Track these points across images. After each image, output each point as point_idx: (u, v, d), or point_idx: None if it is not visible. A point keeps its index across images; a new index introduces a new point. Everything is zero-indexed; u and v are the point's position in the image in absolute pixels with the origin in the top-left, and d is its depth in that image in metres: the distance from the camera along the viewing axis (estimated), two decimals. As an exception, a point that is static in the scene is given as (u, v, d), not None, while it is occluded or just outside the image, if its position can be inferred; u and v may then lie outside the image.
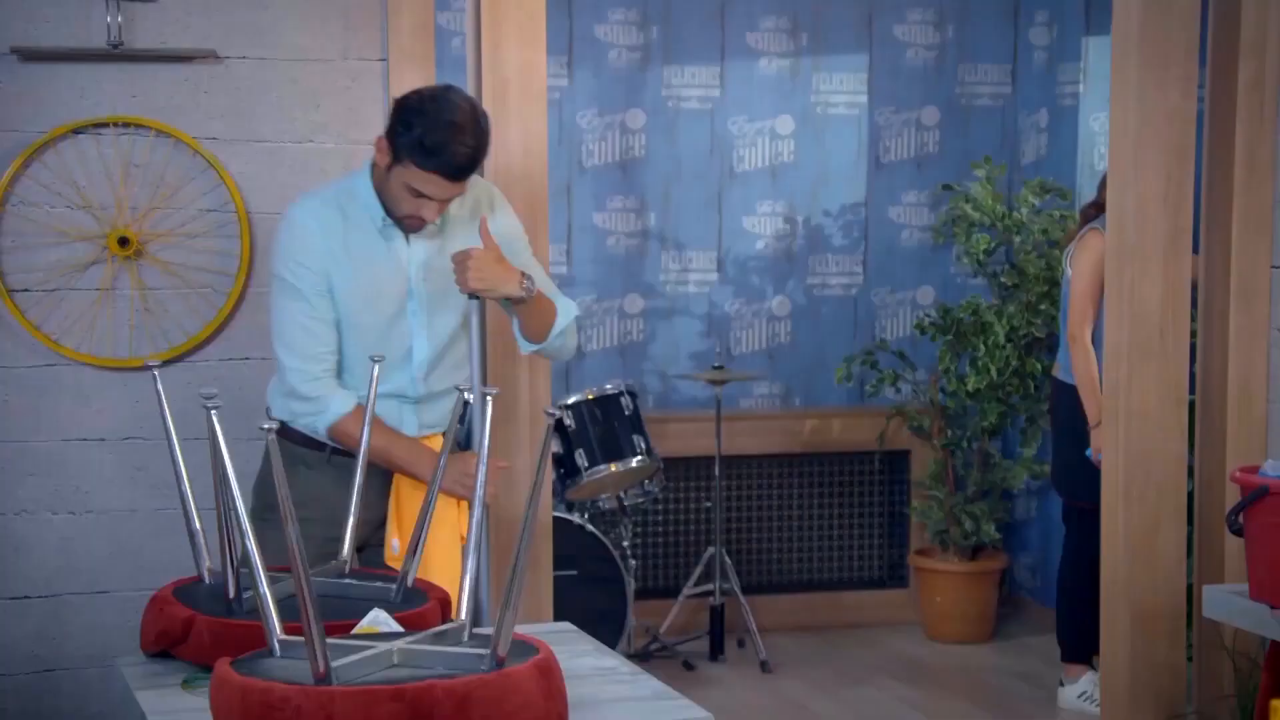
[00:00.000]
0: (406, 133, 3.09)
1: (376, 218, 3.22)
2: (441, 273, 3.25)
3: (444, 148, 3.07)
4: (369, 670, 2.20)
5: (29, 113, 3.80)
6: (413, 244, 3.25)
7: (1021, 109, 6.51)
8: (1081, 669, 5.14)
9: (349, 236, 3.21)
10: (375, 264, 3.23)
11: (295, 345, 3.20)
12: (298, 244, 3.20)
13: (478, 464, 3.05)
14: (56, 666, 3.90)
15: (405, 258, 3.25)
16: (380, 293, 3.23)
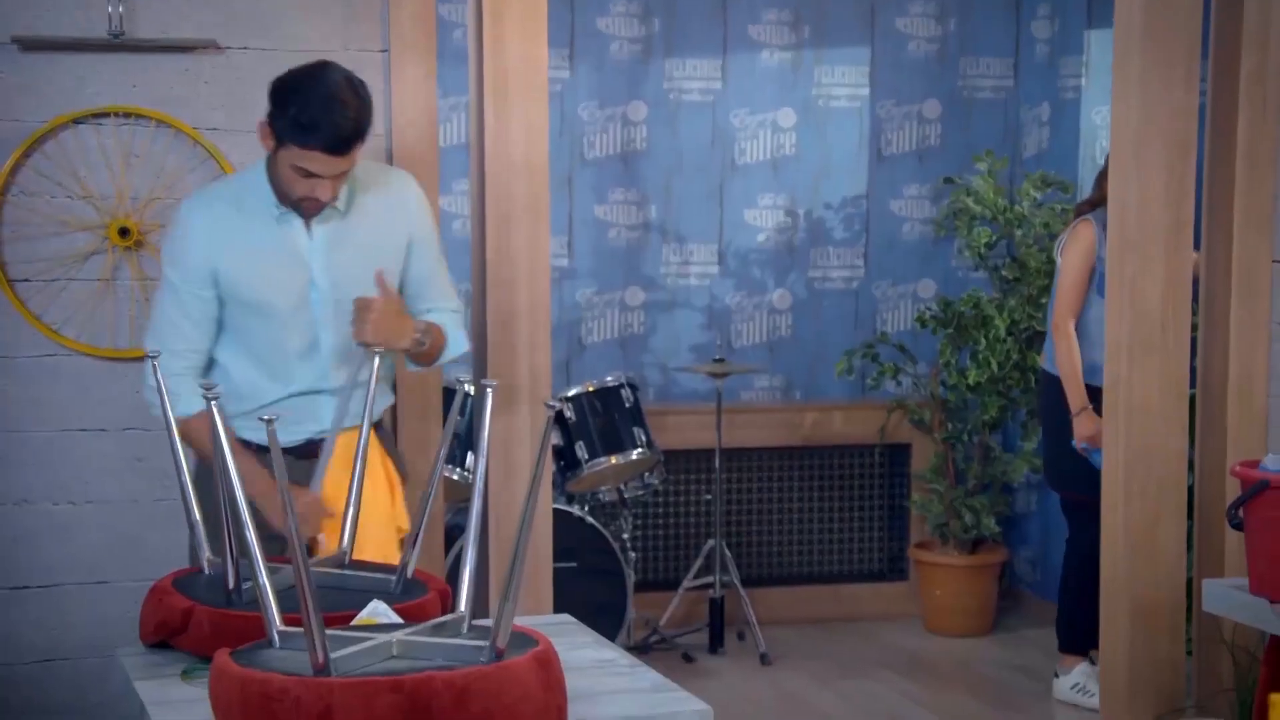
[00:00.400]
0: (283, 114, 3.05)
1: (272, 206, 3.17)
2: (346, 261, 3.20)
3: (321, 122, 3.01)
4: (368, 661, 2.20)
5: (30, 103, 3.80)
6: (314, 233, 3.20)
7: (1023, 102, 6.51)
8: (1077, 660, 5.15)
9: (244, 227, 3.16)
10: (273, 254, 3.18)
11: (159, 336, 3.18)
12: (178, 241, 3.18)
13: (307, 500, 3.05)
14: (56, 656, 3.90)
15: (305, 247, 3.19)
16: (280, 283, 3.18)
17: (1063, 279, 5.02)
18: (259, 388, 3.21)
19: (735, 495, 6.25)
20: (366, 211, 3.25)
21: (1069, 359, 4.97)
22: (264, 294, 3.17)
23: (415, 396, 4.00)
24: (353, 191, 3.22)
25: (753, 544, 6.30)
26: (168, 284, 3.19)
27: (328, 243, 3.20)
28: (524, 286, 4.02)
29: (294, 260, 3.19)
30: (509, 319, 4.01)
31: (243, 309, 3.18)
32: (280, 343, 3.20)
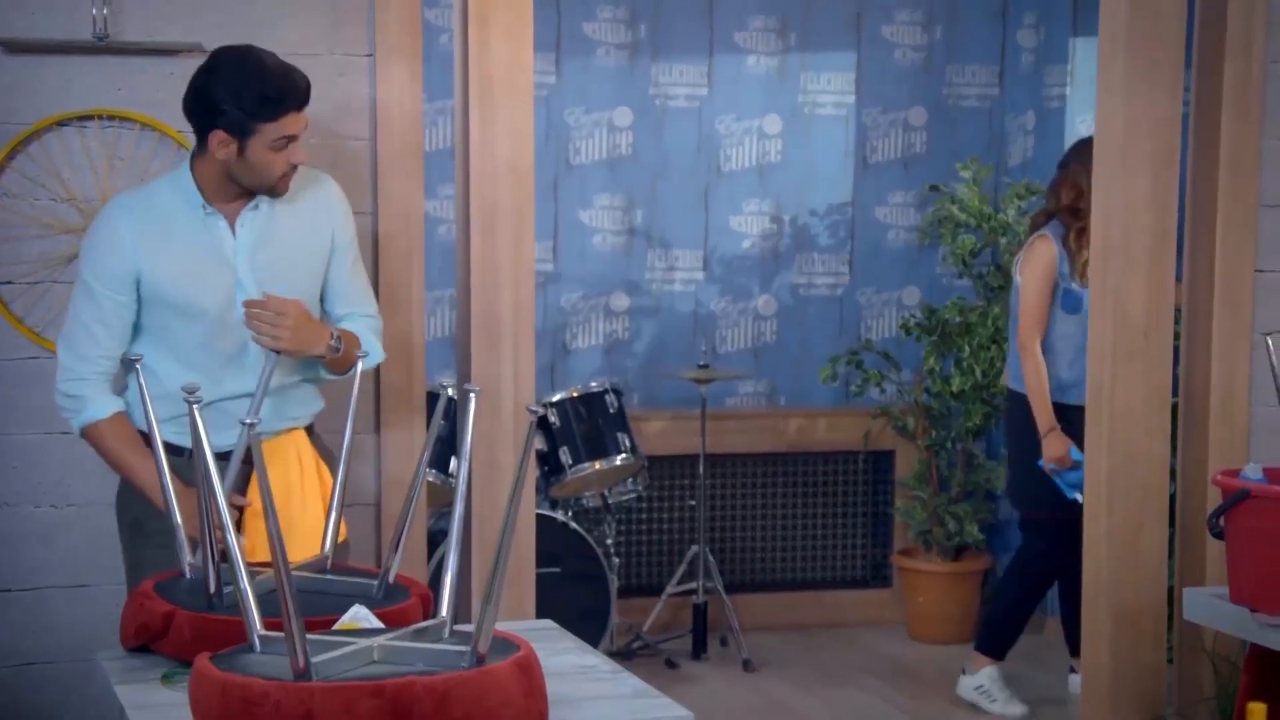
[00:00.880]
0: (239, 102, 3.05)
1: (198, 207, 3.17)
2: (271, 261, 3.20)
3: (283, 84, 3.08)
4: (349, 666, 2.20)
5: (14, 105, 3.79)
6: (238, 233, 3.19)
7: (1009, 110, 6.52)
8: (987, 661, 5.17)
9: (170, 229, 3.16)
10: (199, 255, 3.17)
11: (71, 342, 3.17)
12: (100, 244, 3.16)
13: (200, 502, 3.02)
14: (37, 660, 3.89)
15: (230, 248, 3.19)
16: (207, 285, 3.17)
17: (1025, 297, 4.98)
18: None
19: (719, 501, 6.25)
20: (290, 211, 3.24)
21: (1036, 379, 4.94)
22: (190, 296, 3.16)
23: (398, 401, 4.00)
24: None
25: (736, 550, 6.30)
26: (84, 287, 3.17)
27: (253, 242, 3.20)
28: (508, 291, 4.02)
29: (220, 261, 3.18)
30: (493, 323, 4.01)
31: (169, 312, 3.17)
32: (208, 346, 3.19)
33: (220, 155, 3.11)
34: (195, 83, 3.13)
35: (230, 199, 3.19)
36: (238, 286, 3.18)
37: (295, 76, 3.12)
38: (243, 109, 3.06)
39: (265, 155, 3.11)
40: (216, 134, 3.09)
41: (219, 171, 3.15)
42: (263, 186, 3.17)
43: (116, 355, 3.19)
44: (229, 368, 3.20)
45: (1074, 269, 4.96)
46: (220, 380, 3.18)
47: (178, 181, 3.20)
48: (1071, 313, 4.97)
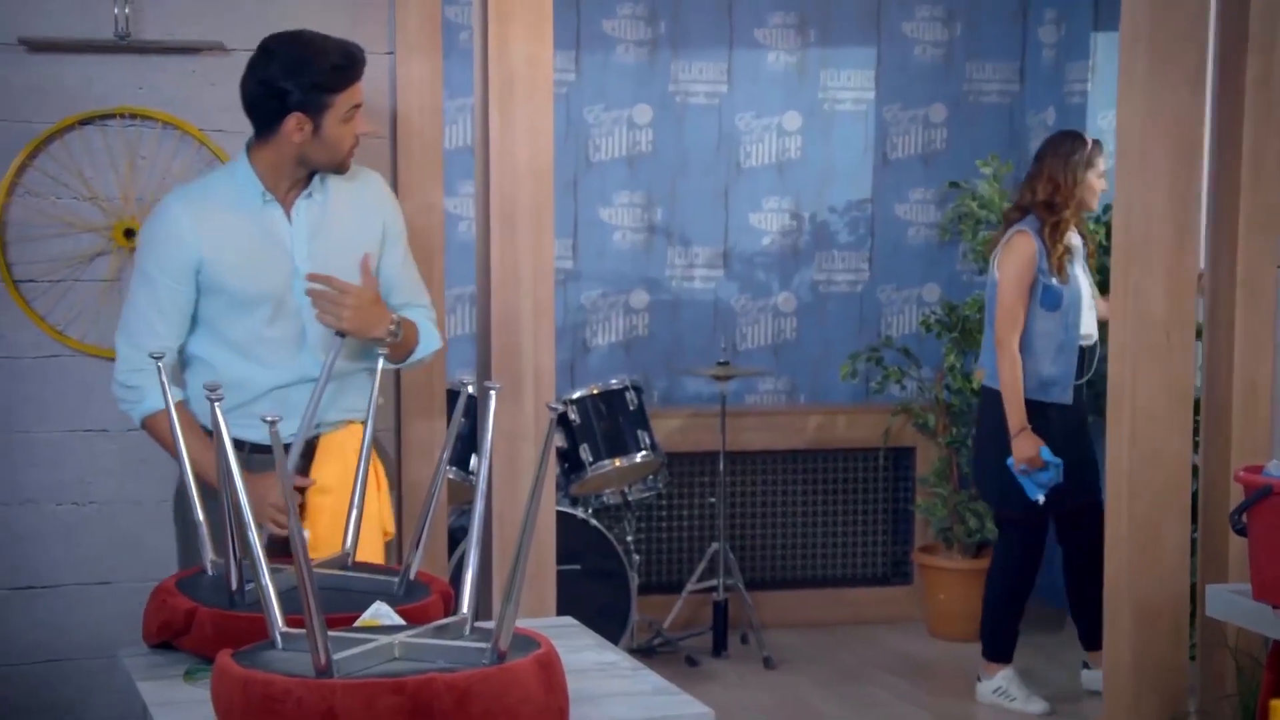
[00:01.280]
0: (310, 80, 3.10)
1: (257, 195, 3.20)
2: (326, 249, 3.22)
3: (345, 53, 3.15)
4: (370, 663, 2.20)
5: (36, 104, 3.80)
6: (294, 222, 3.22)
7: (1029, 106, 6.50)
8: (999, 666, 5.17)
9: (230, 218, 3.18)
10: (258, 243, 3.20)
11: (129, 332, 3.19)
12: (161, 234, 3.18)
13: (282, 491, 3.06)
14: (59, 657, 3.90)
15: (288, 236, 3.22)
16: (265, 273, 3.19)
17: (1002, 294, 4.94)
18: (251, 378, 3.21)
19: (739, 498, 6.25)
20: (341, 199, 3.27)
21: (1012, 376, 4.90)
22: (249, 284, 3.17)
23: (419, 398, 4.00)
24: (324, 178, 3.25)
25: (757, 547, 6.30)
26: (143, 277, 3.18)
27: (309, 231, 3.22)
28: (528, 289, 4.02)
29: (277, 249, 3.20)
30: (513, 321, 4.01)
31: (226, 301, 3.18)
32: (265, 335, 3.21)
33: (296, 139, 3.14)
34: (257, 77, 3.15)
35: (288, 188, 3.23)
36: (294, 274, 3.21)
37: (351, 45, 3.18)
38: (316, 83, 3.10)
39: (339, 129, 3.15)
40: (292, 118, 3.12)
41: (289, 157, 3.18)
42: (333, 163, 3.21)
43: (175, 346, 3.20)
44: (285, 356, 3.22)
45: (1051, 265, 4.93)
46: (276, 369, 3.21)
47: (234, 172, 3.23)
48: (1052, 309, 4.94)
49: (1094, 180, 5.00)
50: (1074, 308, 4.96)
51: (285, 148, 3.16)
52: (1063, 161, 4.96)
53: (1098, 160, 5.01)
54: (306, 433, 3.16)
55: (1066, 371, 4.98)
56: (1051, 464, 4.88)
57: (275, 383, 3.21)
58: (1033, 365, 4.95)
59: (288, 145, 3.16)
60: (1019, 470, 4.91)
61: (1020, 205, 5.05)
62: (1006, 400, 4.92)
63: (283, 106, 3.12)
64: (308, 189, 3.23)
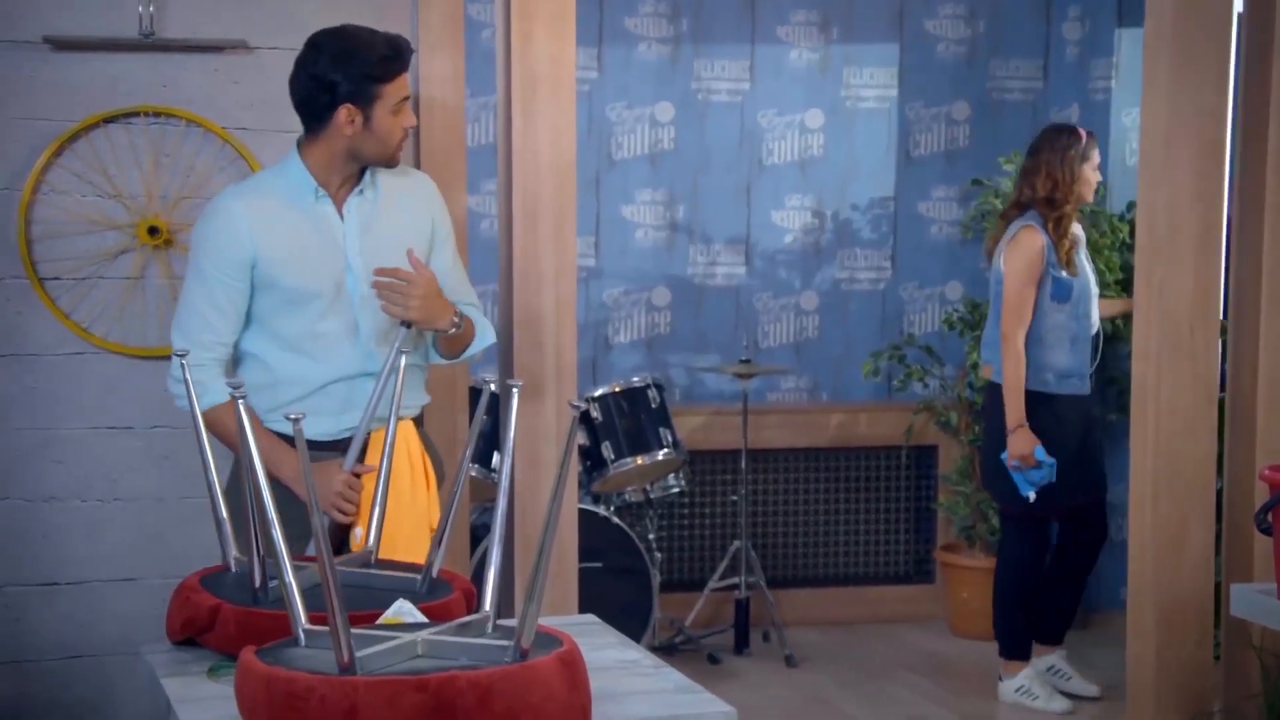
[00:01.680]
0: (359, 71, 3.12)
1: (310, 192, 3.21)
2: (378, 244, 3.23)
3: (393, 45, 3.17)
4: (393, 661, 2.20)
5: (61, 102, 3.82)
6: (346, 218, 3.24)
7: (1053, 104, 6.48)
8: (1019, 665, 5.16)
9: (283, 214, 3.20)
10: (310, 238, 3.21)
11: (185, 328, 3.19)
12: (216, 230, 3.19)
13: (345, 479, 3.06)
14: (83, 653, 3.92)
15: (340, 232, 3.23)
16: (319, 268, 3.20)
17: (1009, 289, 4.91)
18: (304, 374, 3.21)
19: (761, 496, 6.25)
20: (392, 196, 3.29)
21: (1014, 372, 4.88)
22: (303, 280, 3.19)
23: (442, 396, 4.01)
24: (374, 175, 3.26)
25: (778, 545, 6.29)
26: (199, 274, 3.19)
27: (360, 227, 3.24)
28: (550, 286, 4.03)
29: (330, 245, 3.22)
30: (535, 319, 4.02)
31: (280, 297, 3.20)
32: (318, 331, 3.22)
33: (348, 131, 3.16)
34: (306, 72, 3.17)
35: (339, 184, 3.24)
36: (347, 270, 3.23)
37: (396, 36, 3.21)
38: (366, 74, 3.13)
39: (388, 121, 3.17)
40: (342, 110, 3.14)
41: (340, 150, 3.19)
42: (384, 156, 3.22)
43: (230, 342, 3.22)
44: (339, 351, 3.23)
45: (1059, 258, 4.92)
46: (330, 364, 3.22)
47: (286, 170, 3.24)
48: (1063, 301, 4.93)
49: (1089, 173, 4.99)
50: (1084, 298, 4.97)
51: (337, 141, 3.18)
52: (1059, 156, 4.94)
53: (1092, 153, 5.01)
54: (369, 424, 3.15)
55: (1082, 362, 4.98)
56: (1045, 463, 4.87)
57: (329, 378, 3.22)
58: (1047, 358, 4.94)
59: (339, 138, 3.17)
60: (1011, 466, 4.90)
61: (1019, 202, 5.02)
62: (1007, 395, 4.89)
63: (333, 99, 3.14)
64: (359, 186, 3.25)
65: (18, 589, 3.87)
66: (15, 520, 3.86)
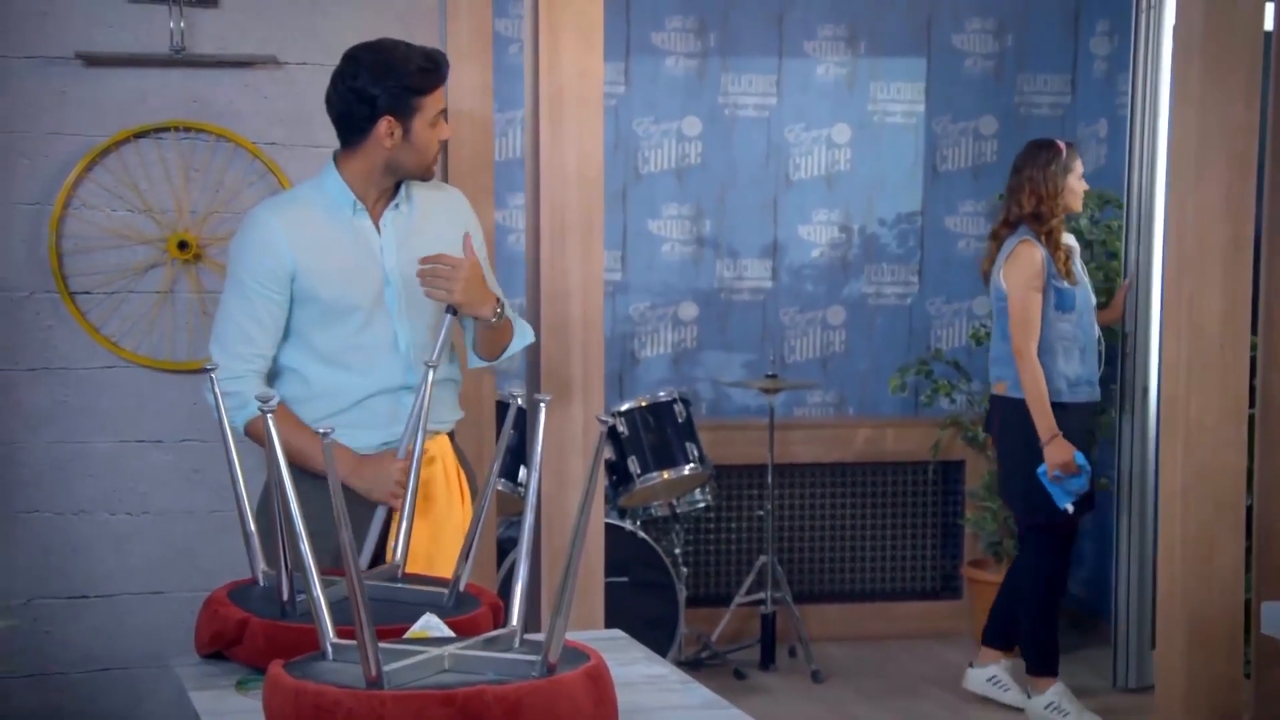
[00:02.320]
0: (398, 83, 3.14)
1: (347, 204, 3.23)
2: (414, 258, 3.22)
3: (430, 55, 3.20)
4: (420, 675, 2.20)
5: (92, 117, 3.84)
6: (383, 231, 3.25)
7: (1080, 119, 6.47)
8: (1049, 681, 5.14)
9: (321, 227, 3.21)
10: (349, 251, 3.22)
11: (225, 342, 3.19)
12: (255, 243, 3.19)
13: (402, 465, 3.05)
14: (113, 666, 3.93)
15: (377, 245, 3.24)
16: (358, 281, 3.21)
17: (1015, 304, 4.94)
18: (344, 387, 3.22)
19: (787, 511, 6.24)
20: (426, 207, 3.31)
21: (1035, 385, 4.89)
22: (342, 293, 3.20)
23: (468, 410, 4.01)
24: (409, 189, 3.28)
25: (805, 560, 6.28)
26: (238, 287, 3.20)
27: (398, 240, 3.25)
28: (577, 300, 4.03)
29: (368, 258, 3.23)
30: (562, 333, 4.02)
31: (319, 311, 3.21)
32: (357, 344, 3.22)
33: (387, 144, 3.18)
34: (345, 85, 3.18)
35: (376, 197, 3.26)
36: (385, 284, 3.24)
37: (433, 49, 3.23)
38: (406, 86, 3.15)
39: (426, 133, 3.20)
40: (383, 122, 3.16)
41: (379, 163, 3.21)
42: (421, 168, 3.24)
43: (270, 355, 3.22)
44: (378, 364, 3.23)
45: (1058, 269, 4.95)
46: (370, 376, 3.22)
47: (323, 183, 3.26)
48: (1067, 311, 4.97)
49: (1074, 183, 5.05)
50: (1087, 306, 5.03)
51: (376, 154, 3.20)
52: (1041, 172, 5.01)
53: (1075, 164, 5.06)
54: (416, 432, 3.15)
55: (1091, 369, 5.04)
56: (1085, 470, 4.88)
57: (369, 391, 3.23)
58: (1058, 368, 4.97)
59: (378, 151, 3.19)
60: (1052, 478, 4.90)
61: (1008, 220, 5.08)
62: (1034, 409, 4.90)
63: (373, 111, 3.16)
64: (395, 200, 3.27)
65: (47, 602, 3.89)
66: (45, 533, 3.87)
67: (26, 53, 3.79)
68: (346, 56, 3.22)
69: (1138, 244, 5.37)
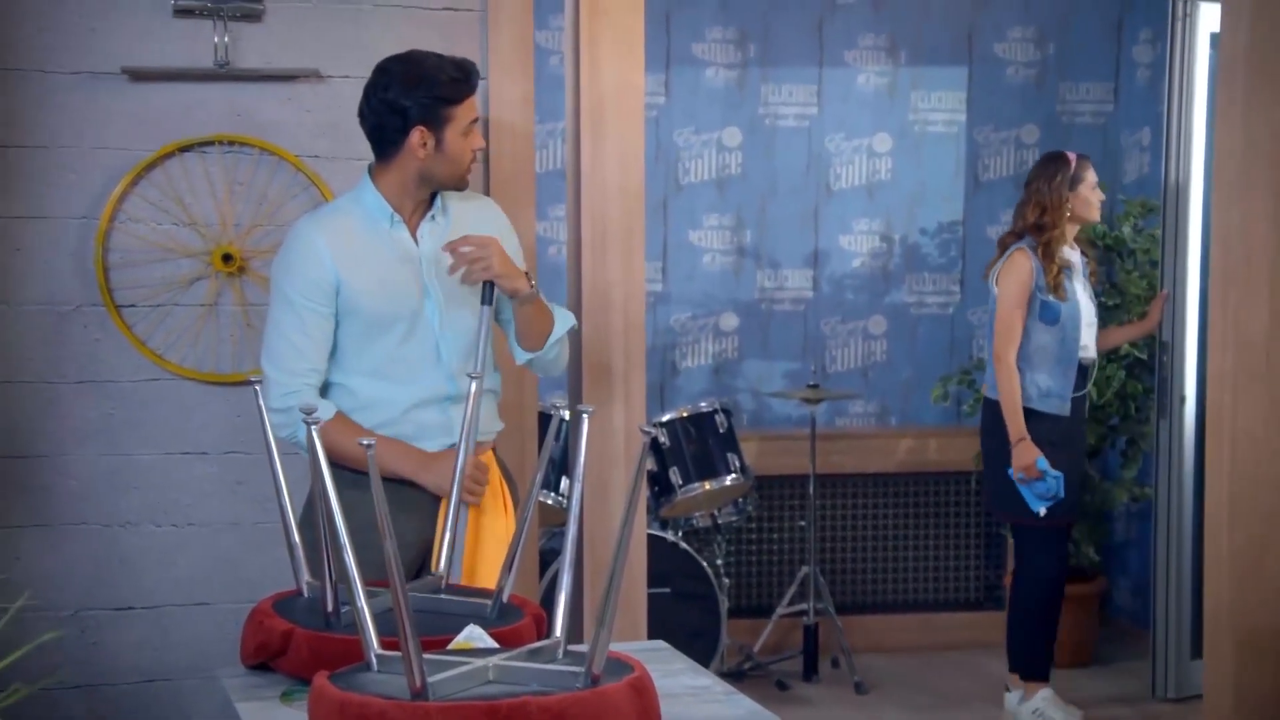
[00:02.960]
0: (430, 94, 3.17)
1: (384, 217, 3.25)
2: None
3: (461, 65, 3.22)
4: (464, 686, 2.21)
5: (138, 131, 3.87)
6: (420, 243, 3.27)
7: (1123, 127, 6.43)
8: (1038, 686, 5.12)
9: (363, 240, 3.23)
10: (389, 263, 3.24)
11: (277, 358, 3.20)
12: (300, 258, 3.21)
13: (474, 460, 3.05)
14: (159, 677, 3.96)
15: (415, 256, 3.26)
16: (398, 292, 3.23)
17: (1000, 309, 5.02)
18: (389, 398, 3.23)
19: (829, 522, 6.22)
20: (461, 217, 3.33)
21: (1009, 389, 4.96)
22: (384, 305, 3.22)
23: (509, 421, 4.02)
24: (444, 201, 3.30)
25: (847, 571, 6.26)
26: (285, 303, 3.21)
27: (435, 250, 3.27)
28: (619, 311, 4.04)
29: (408, 269, 3.25)
30: (604, 344, 4.02)
31: (362, 323, 3.22)
32: (401, 354, 3.24)
33: (420, 154, 3.20)
34: (377, 98, 3.21)
35: (412, 209, 3.28)
36: (425, 295, 3.25)
37: (463, 59, 3.25)
38: (437, 96, 3.17)
39: (459, 143, 3.22)
40: (415, 133, 3.18)
41: (413, 175, 3.23)
42: (455, 178, 3.27)
43: (322, 368, 3.23)
44: (421, 375, 3.25)
45: (1048, 282, 4.97)
46: (413, 387, 3.24)
47: (360, 197, 3.28)
48: (1050, 324, 4.99)
49: (1087, 193, 5.08)
50: (1072, 323, 5.00)
51: (410, 165, 3.22)
52: (1047, 184, 5.06)
53: (1086, 174, 5.07)
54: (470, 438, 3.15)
55: (1064, 384, 5.02)
56: (1050, 475, 4.89)
57: (413, 401, 3.25)
58: (1033, 375, 5.00)
59: (412, 162, 3.21)
60: (1018, 480, 4.93)
61: (1015, 230, 5.13)
62: (1005, 411, 4.97)
63: (405, 123, 3.18)
64: (430, 211, 3.29)
65: (94, 613, 3.92)
66: (92, 545, 3.90)
67: (73, 68, 3.83)
68: (378, 69, 3.25)
69: (1174, 252, 5.35)
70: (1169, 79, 5.37)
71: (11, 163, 3.82)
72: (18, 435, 3.85)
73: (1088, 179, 5.07)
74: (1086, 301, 5.08)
